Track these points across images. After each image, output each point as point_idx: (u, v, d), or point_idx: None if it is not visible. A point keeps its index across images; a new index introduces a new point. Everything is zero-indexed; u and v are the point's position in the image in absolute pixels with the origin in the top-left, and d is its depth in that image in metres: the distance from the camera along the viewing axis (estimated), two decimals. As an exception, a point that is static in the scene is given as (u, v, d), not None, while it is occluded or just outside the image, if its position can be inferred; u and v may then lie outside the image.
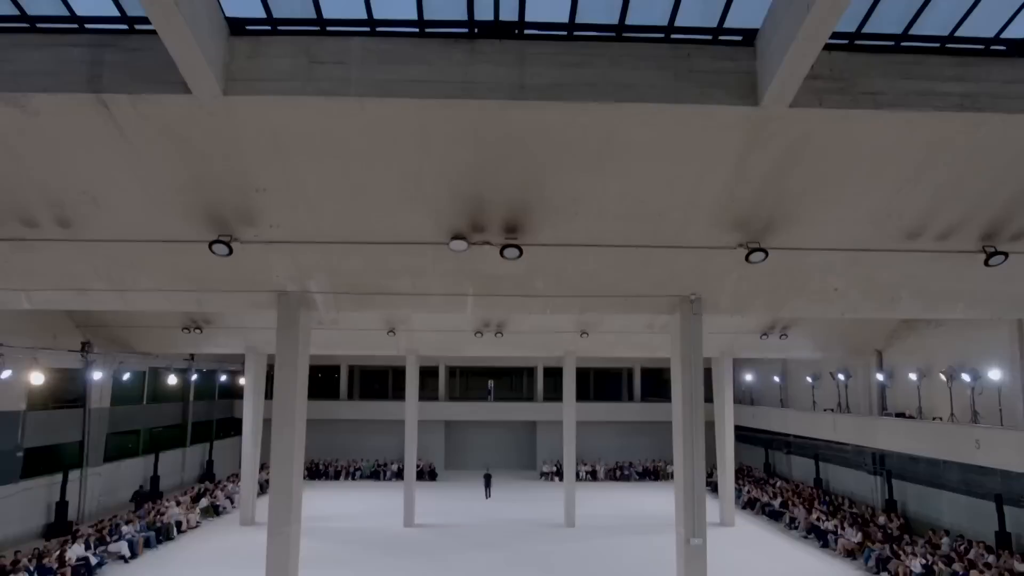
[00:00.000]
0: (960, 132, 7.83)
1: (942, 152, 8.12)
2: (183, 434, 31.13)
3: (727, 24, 7.52)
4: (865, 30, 7.61)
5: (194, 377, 30.67)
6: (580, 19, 7.42)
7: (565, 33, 7.52)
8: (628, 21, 7.46)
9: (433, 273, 9.88)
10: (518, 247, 9.08)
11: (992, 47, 7.80)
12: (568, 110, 7.40)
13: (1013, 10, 7.41)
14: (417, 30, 7.42)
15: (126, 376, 25.68)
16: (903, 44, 7.73)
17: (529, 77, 7.30)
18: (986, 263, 9.44)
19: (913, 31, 7.64)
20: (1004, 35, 7.69)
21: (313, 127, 7.48)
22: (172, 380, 29.19)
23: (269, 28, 7.32)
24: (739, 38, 7.61)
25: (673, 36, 7.58)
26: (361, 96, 7.13)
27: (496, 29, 7.41)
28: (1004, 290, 10.36)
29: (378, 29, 7.40)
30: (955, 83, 7.60)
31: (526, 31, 7.50)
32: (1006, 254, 9.32)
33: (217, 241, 8.93)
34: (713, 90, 7.42)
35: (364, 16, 7.31)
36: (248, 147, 7.76)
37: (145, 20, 7.19)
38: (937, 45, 7.74)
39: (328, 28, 7.36)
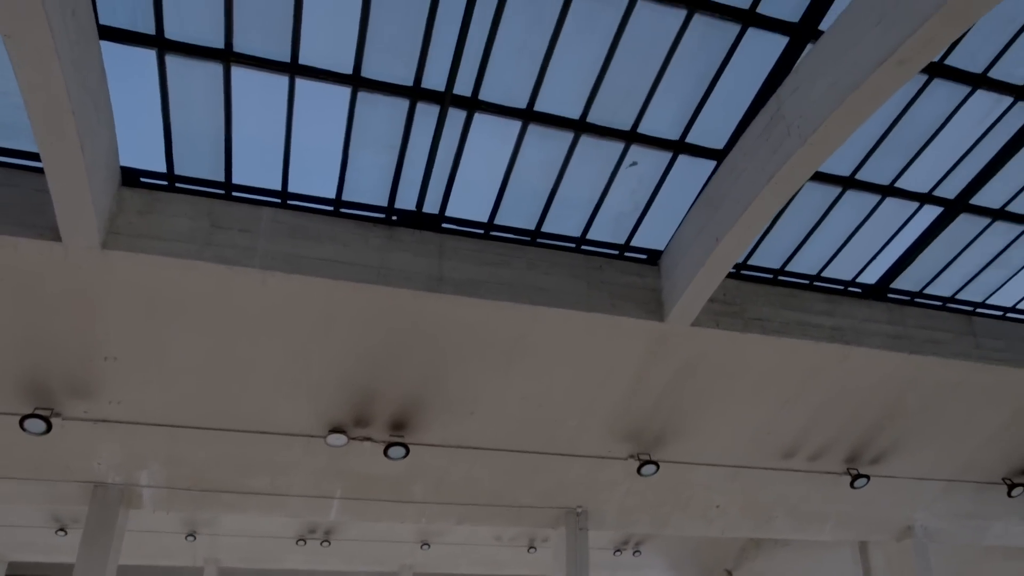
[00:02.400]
0: (831, 361, 9.17)
1: (816, 378, 9.39)
2: None
3: (633, 243, 8.55)
4: (750, 262, 8.99)
5: None
6: (499, 220, 8.08)
7: (482, 232, 8.09)
8: (544, 229, 8.23)
9: (299, 471, 9.17)
10: (405, 446, 8.80)
11: (849, 288, 9.50)
12: (482, 307, 7.75)
13: (867, 259, 9.20)
14: (332, 208, 7.62)
15: None
16: (780, 278, 9.18)
17: (447, 270, 7.64)
18: (852, 485, 10.62)
19: (789, 267, 9.15)
20: (860, 279, 9.44)
21: (201, 295, 7.12)
22: None
23: (166, 184, 7.17)
24: (644, 256, 8.63)
25: (583, 247, 8.44)
26: (265, 269, 7.00)
27: (416, 219, 7.81)
28: (867, 514, 11.60)
29: (289, 202, 7.51)
30: (826, 317, 9.05)
31: (443, 225, 7.98)
32: (868, 477, 10.57)
33: (33, 415, 7.78)
34: (623, 302, 8.19)
35: (277, 187, 7.42)
36: (112, 308, 7.15)
37: (10, 152, 6.78)
38: (807, 282, 9.29)
39: (234, 194, 7.34)
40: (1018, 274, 9.54)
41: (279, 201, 7.46)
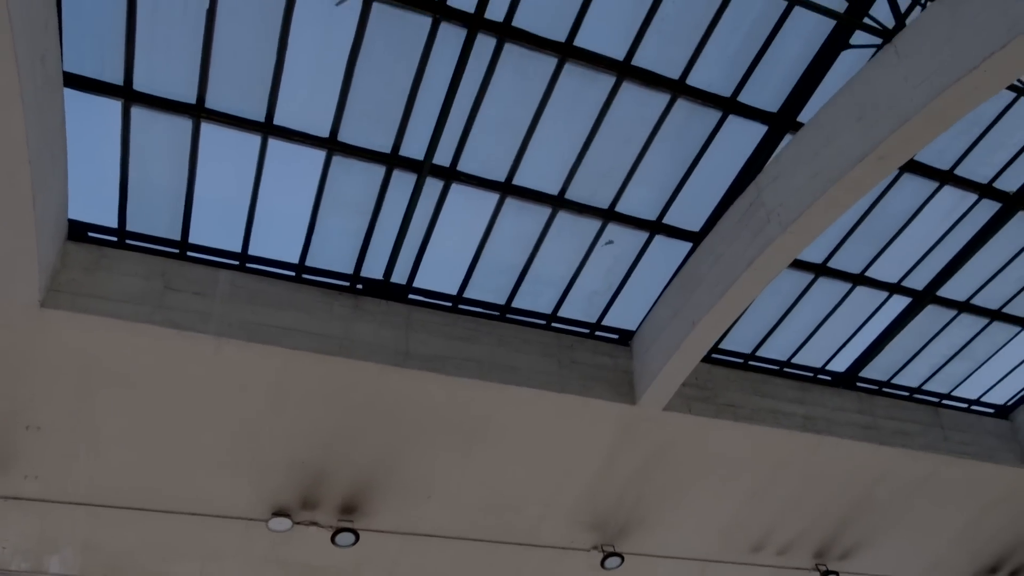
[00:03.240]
0: (802, 451, 9.32)
1: (786, 468, 9.51)
2: None
3: (604, 322, 8.65)
4: (720, 346, 9.18)
5: None
6: (469, 294, 8.09)
7: (451, 305, 8.08)
8: (515, 304, 8.27)
9: (234, 558, 8.67)
10: (355, 532, 8.46)
11: (819, 376, 9.77)
12: (449, 384, 7.67)
13: (837, 347, 9.51)
14: (293, 274, 7.53)
15: None
16: (750, 363, 9.39)
17: (414, 344, 7.57)
18: (822, 585, 10.63)
19: (759, 353, 9.37)
20: (829, 367, 9.73)
21: (146, 362, 6.84)
22: None
23: (116, 240, 6.98)
24: (615, 336, 8.74)
25: (554, 325, 8.51)
26: (220, 336, 6.81)
27: (383, 289, 7.76)
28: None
29: (249, 266, 7.39)
30: (797, 405, 9.26)
31: (411, 296, 7.95)
32: (837, 573, 10.62)
33: (-66, 492, 7.23)
34: (594, 384, 8.23)
35: (237, 249, 7.30)
36: (42, 372, 6.79)
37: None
38: (777, 368, 9.53)
39: (190, 254, 7.19)
40: (982, 367, 10.00)
41: (238, 264, 7.33)
